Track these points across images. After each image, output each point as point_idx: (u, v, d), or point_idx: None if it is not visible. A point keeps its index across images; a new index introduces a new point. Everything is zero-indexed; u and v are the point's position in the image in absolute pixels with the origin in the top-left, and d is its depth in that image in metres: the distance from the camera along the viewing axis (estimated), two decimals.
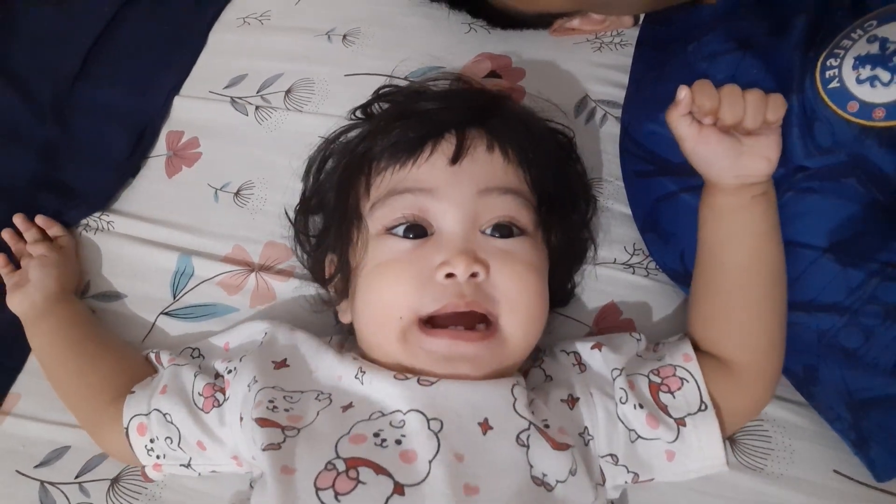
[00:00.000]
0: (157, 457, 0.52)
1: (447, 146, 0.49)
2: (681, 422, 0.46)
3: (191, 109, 0.75)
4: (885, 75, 0.47)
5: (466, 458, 0.42)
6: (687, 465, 0.46)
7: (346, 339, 0.55)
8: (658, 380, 0.47)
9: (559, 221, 0.52)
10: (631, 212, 0.60)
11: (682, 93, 0.44)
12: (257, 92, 0.74)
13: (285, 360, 0.50)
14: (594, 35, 0.70)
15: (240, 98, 0.74)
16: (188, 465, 0.52)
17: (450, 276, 0.45)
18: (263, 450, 0.43)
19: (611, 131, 0.64)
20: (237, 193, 0.68)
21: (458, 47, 0.72)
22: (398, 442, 0.42)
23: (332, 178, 0.56)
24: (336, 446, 0.42)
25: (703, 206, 0.48)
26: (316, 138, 0.64)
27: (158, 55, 0.79)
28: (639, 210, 0.59)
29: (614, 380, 0.47)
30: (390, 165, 0.50)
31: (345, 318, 0.53)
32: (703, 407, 0.46)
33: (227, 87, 0.75)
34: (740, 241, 0.46)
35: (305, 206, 0.59)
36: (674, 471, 0.47)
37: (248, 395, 0.47)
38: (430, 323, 0.46)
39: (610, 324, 0.57)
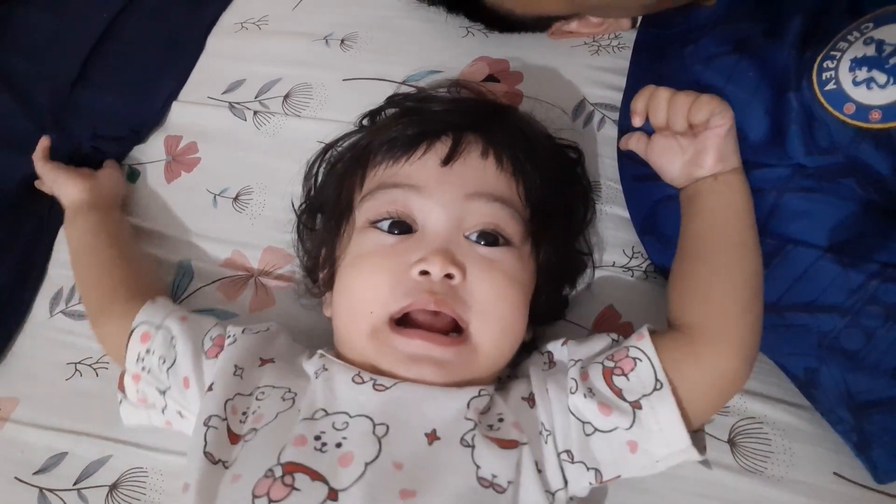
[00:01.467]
0: (143, 369, 0.52)
1: (442, 147, 0.49)
2: (636, 404, 0.43)
3: (189, 115, 0.75)
4: (881, 77, 0.47)
5: (406, 467, 0.40)
6: (651, 452, 0.43)
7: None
8: (612, 364, 0.45)
9: (551, 237, 0.52)
10: (629, 215, 0.60)
11: (633, 111, 0.49)
12: (255, 97, 0.74)
13: (272, 359, 0.50)
14: (592, 38, 0.70)
15: (238, 103, 0.74)
16: (163, 393, 0.52)
17: (424, 273, 0.45)
18: (217, 462, 0.43)
19: (609, 134, 0.64)
20: (236, 199, 0.68)
21: (456, 51, 0.72)
22: (338, 445, 0.41)
23: (334, 174, 0.57)
24: (280, 452, 0.41)
25: (680, 202, 0.51)
26: (315, 143, 0.64)
27: (156, 61, 0.79)
28: (637, 213, 0.59)
29: (569, 370, 0.45)
30: (385, 160, 0.50)
31: (327, 312, 0.53)
32: (657, 385, 0.43)
33: (225, 93, 0.75)
34: (699, 216, 0.48)
35: (311, 204, 0.59)
36: (640, 463, 0.43)
37: (229, 381, 0.47)
38: (402, 323, 0.46)
39: (609, 327, 0.57)
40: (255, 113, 0.73)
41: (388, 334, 0.45)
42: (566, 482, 0.43)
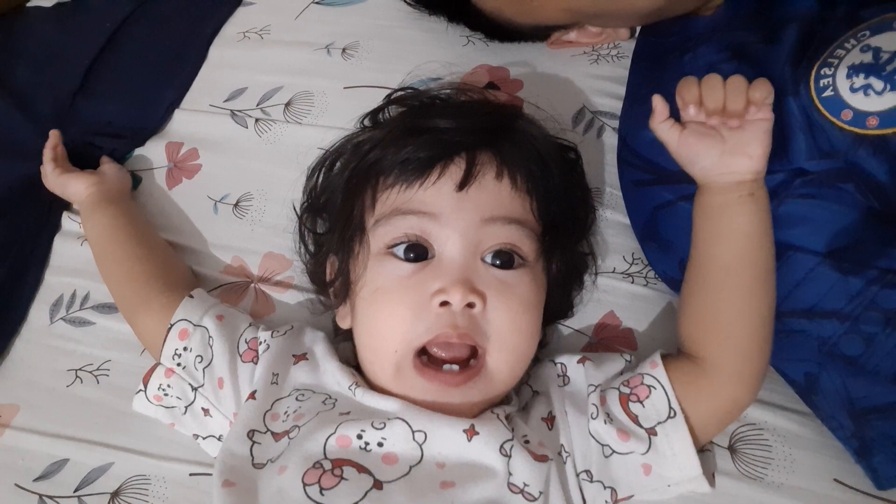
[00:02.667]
0: (178, 364, 0.54)
1: (456, 170, 0.48)
2: (651, 431, 0.45)
3: (191, 122, 0.75)
4: (878, 84, 0.47)
5: (447, 466, 0.43)
6: (664, 476, 0.45)
7: (346, 345, 0.55)
8: (627, 390, 0.47)
9: (562, 250, 0.52)
10: (629, 221, 0.60)
11: (657, 102, 0.47)
12: (257, 105, 0.74)
13: (305, 354, 0.52)
14: (591, 48, 0.71)
15: (240, 111, 0.74)
16: (195, 390, 0.53)
17: (445, 304, 0.45)
18: (264, 465, 0.45)
19: (609, 142, 0.64)
20: (236, 205, 0.69)
21: (457, 60, 0.72)
22: (380, 444, 0.44)
23: (339, 179, 0.56)
24: (325, 447, 0.44)
25: (695, 206, 0.48)
26: (316, 150, 0.64)
27: (159, 70, 0.80)
28: (637, 219, 0.59)
29: (588, 395, 0.48)
30: (397, 183, 0.49)
31: (344, 324, 0.53)
32: (671, 414, 0.45)
33: (227, 101, 0.76)
34: (726, 240, 0.46)
35: (313, 204, 0.59)
36: (652, 485, 0.46)
37: (267, 390, 0.49)
38: (426, 354, 0.46)
39: (609, 333, 0.57)
40: (257, 120, 0.73)
41: (411, 372, 0.46)
42: (584, 501, 0.45)
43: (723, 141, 0.46)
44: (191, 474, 0.55)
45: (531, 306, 0.48)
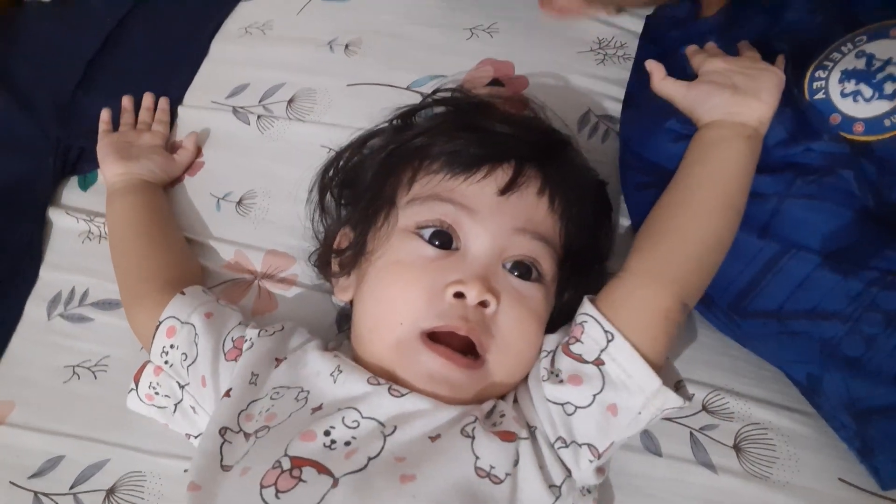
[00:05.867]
0: (166, 362, 0.53)
1: (502, 175, 0.49)
2: (598, 362, 0.44)
3: (193, 119, 0.75)
4: (867, 91, 0.48)
5: (407, 460, 0.42)
6: (630, 407, 0.43)
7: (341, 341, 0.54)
8: (566, 337, 0.47)
9: (576, 283, 0.52)
10: (631, 224, 0.60)
11: (650, 64, 0.51)
12: (259, 101, 0.74)
13: (286, 356, 0.51)
14: (598, 45, 0.71)
15: (242, 108, 0.74)
16: (182, 388, 0.53)
17: (459, 296, 0.45)
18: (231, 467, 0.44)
19: (613, 146, 0.64)
20: (239, 203, 0.68)
21: (461, 54, 0.72)
22: (347, 444, 0.42)
23: (374, 158, 0.56)
24: (287, 445, 0.42)
25: (691, 142, 0.50)
26: (318, 147, 0.64)
27: (160, 65, 0.80)
28: (640, 222, 0.59)
29: (541, 361, 0.47)
30: (442, 171, 0.50)
31: (344, 296, 0.53)
32: (609, 337, 0.44)
33: (229, 97, 0.75)
34: (707, 164, 0.48)
35: (341, 177, 0.59)
36: (625, 422, 0.43)
37: (244, 390, 0.48)
38: (429, 336, 0.46)
39: None
40: (259, 117, 0.73)
41: (416, 347, 0.45)
42: (569, 471, 0.44)
43: (734, 87, 0.48)
44: (185, 471, 0.54)
45: (539, 320, 0.48)
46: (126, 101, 0.74)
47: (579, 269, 0.52)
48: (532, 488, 0.42)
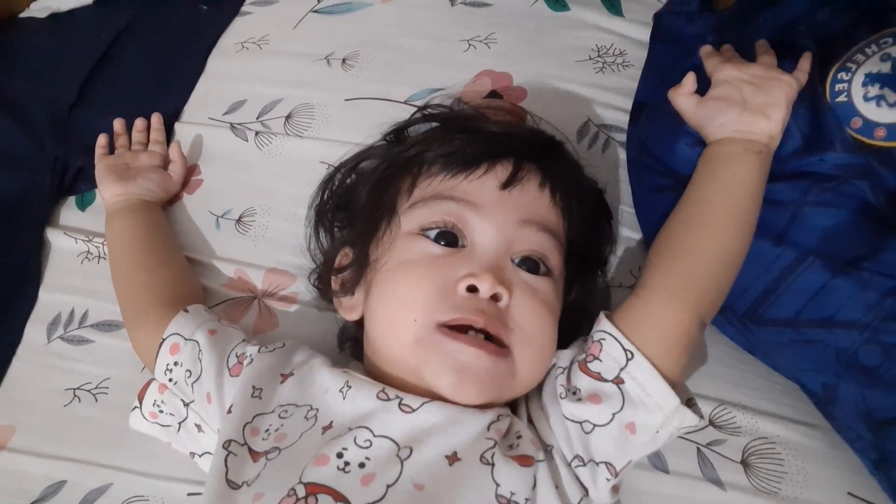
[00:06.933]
0: (170, 380, 0.53)
1: (502, 170, 0.49)
2: (617, 380, 0.44)
3: (191, 136, 0.74)
4: (892, 96, 0.47)
5: (427, 488, 0.40)
6: (649, 425, 0.43)
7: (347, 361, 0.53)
8: (583, 355, 0.46)
9: (580, 281, 0.52)
10: (640, 226, 0.59)
11: (689, 77, 0.50)
12: (257, 118, 0.74)
13: (292, 372, 0.50)
14: (597, 54, 0.70)
15: (239, 124, 0.74)
16: (187, 406, 0.52)
17: (472, 290, 0.45)
18: (239, 486, 0.43)
19: (614, 156, 0.64)
20: (239, 220, 0.68)
21: (459, 66, 0.72)
22: (361, 465, 0.41)
23: (369, 178, 0.56)
24: (302, 472, 0.41)
25: (700, 158, 0.50)
26: (317, 163, 0.64)
27: (156, 82, 0.79)
28: (650, 226, 0.58)
29: (556, 379, 0.46)
30: (442, 172, 0.50)
31: (351, 315, 0.52)
32: (629, 356, 0.44)
33: (226, 114, 0.75)
34: (718, 180, 0.48)
35: (334, 201, 0.59)
36: (642, 440, 0.43)
37: (247, 403, 0.47)
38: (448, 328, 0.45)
39: None
40: (257, 134, 0.72)
41: (438, 339, 0.44)
42: (586, 490, 0.43)
43: (744, 103, 0.48)
44: (189, 494, 0.54)
45: (553, 314, 0.48)
46: (118, 125, 0.73)
47: (583, 267, 0.52)
48: None
